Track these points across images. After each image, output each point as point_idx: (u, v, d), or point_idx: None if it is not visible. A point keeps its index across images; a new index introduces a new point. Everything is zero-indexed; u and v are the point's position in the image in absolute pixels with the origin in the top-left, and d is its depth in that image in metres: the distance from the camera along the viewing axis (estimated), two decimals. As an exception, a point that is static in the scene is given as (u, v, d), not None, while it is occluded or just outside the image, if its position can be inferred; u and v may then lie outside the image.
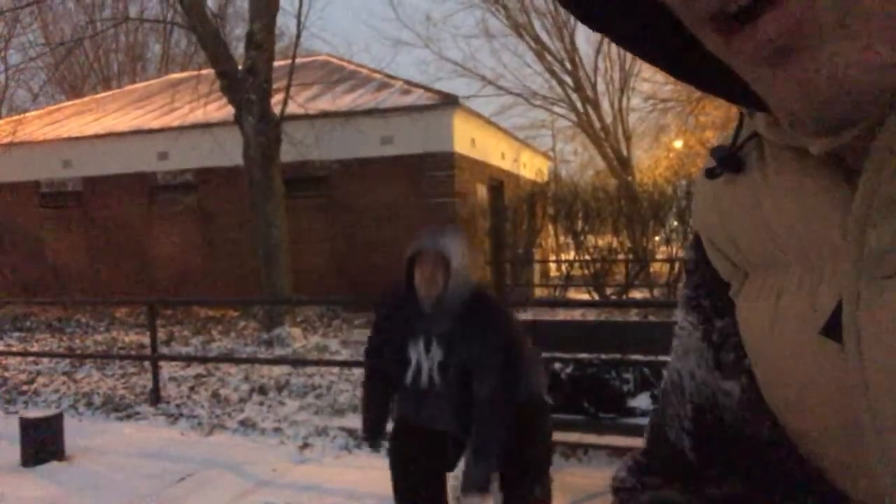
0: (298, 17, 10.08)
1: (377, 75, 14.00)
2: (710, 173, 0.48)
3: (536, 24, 21.37)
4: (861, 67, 0.30)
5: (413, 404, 2.50)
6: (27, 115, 16.79)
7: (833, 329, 0.38)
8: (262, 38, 9.07)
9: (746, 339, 0.49)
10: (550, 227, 14.40)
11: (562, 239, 15.13)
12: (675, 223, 12.07)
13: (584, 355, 4.16)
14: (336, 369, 6.75)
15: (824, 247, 0.40)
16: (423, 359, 2.44)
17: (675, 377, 0.56)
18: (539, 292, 14.17)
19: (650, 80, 21.27)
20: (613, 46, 20.84)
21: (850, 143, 0.35)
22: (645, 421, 0.67)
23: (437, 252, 2.40)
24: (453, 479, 2.57)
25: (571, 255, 13.84)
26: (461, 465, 2.58)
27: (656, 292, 12.12)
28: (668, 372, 0.58)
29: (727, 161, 0.47)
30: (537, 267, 14.87)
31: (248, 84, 8.99)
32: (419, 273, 2.41)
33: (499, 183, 14.20)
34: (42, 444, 4.34)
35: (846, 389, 0.37)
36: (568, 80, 21.55)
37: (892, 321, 0.34)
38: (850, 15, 0.29)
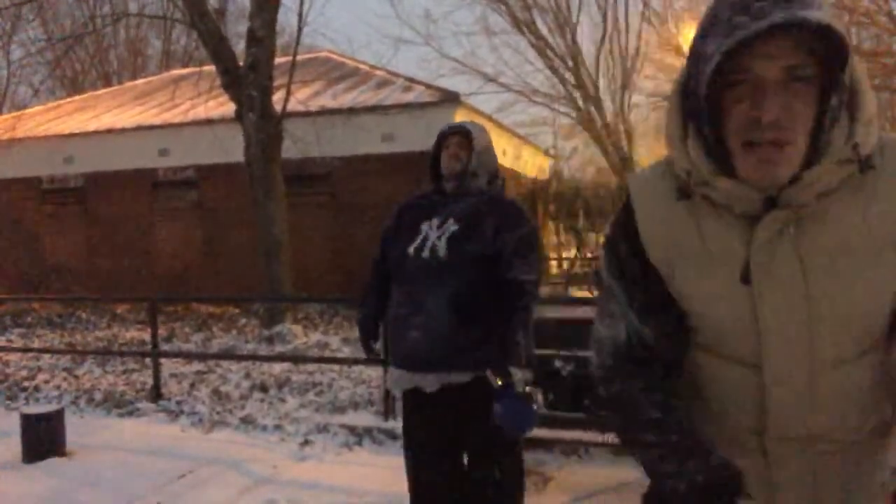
0: (300, 13, 10.08)
1: (378, 72, 13.98)
2: (681, 194, 1.00)
3: (538, 21, 21.32)
4: (747, 175, 0.92)
5: (408, 287, 2.35)
6: (28, 110, 16.79)
7: (745, 278, 0.95)
8: (263, 34, 9.05)
9: (682, 296, 1.02)
10: (551, 225, 14.39)
11: (563, 236, 15.12)
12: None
13: (585, 353, 4.15)
14: (337, 367, 6.74)
15: (732, 246, 0.97)
16: (433, 231, 2.36)
17: (613, 327, 1.08)
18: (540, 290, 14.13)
19: (652, 77, 21.26)
20: (615, 44, 20.79)
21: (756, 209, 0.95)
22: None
23: (459, 132, 2.47)
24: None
25: (572, 253, 13.83)
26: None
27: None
28: (608, 320, 1.09)
29: (685, 191, 1.00)
30: (538, 264, 14.81)
31: (249, 81, 8.97)
32: (444, 154, 2.47)
33: (500, 180, 14.16)
34: (43, 439, 4.34)
35: (747, 315, 0.97)
36: (569, 77, 21.48)
37: (775, 282, 0.95)
38: (737, 154, 0.92)
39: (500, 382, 2.20)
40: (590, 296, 11.88)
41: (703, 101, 0.92)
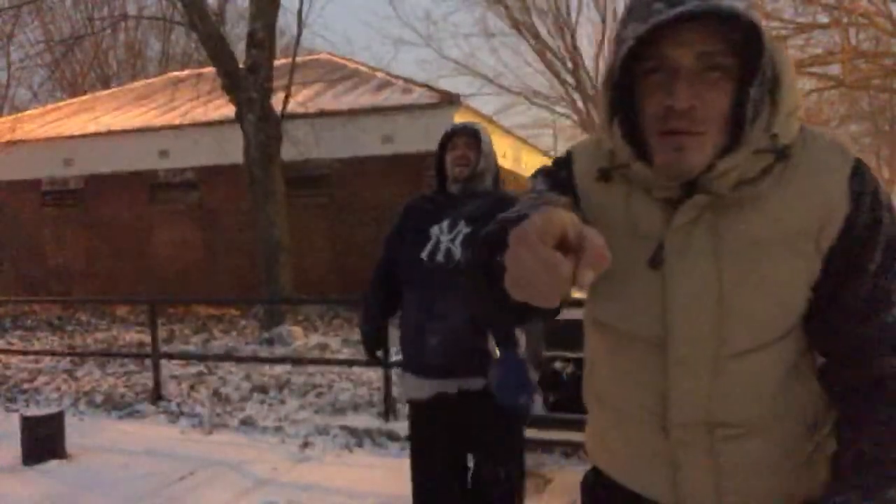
0: (299, 15, 10.09)
1: (378, 74, 13.98)
2: (601, 175, 1.03)
3: (537, 23, 21.36)
4: (660, 163, 0.93)
5: (423, 293, 2.34)
6: (28, 113, 16.79)
7: (655, 262, 0.96)
8: (263, 36, 9.06)
9: None
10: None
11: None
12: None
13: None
14: (337, 368, 6.75)
15: (653, 228, 0.97)
16: (445, 235, 2.36)
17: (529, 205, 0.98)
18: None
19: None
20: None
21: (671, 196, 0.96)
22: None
23: (467, 132, 2.44)
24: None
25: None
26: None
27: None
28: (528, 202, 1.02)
29: (607, 173, 1.02)
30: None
31: (248, 82, 8.98)
32: (450, 155, 2.44)
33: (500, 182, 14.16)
34: (43, 442, 4.34)
35: (658, 295, 0.97)
36: (569, 78, 21.54)
37: (688, 265, 0.95)
38: (652, 142, 0.93)
39: (498, 351, 2.22)
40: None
41: (617, 86, 0.95)
